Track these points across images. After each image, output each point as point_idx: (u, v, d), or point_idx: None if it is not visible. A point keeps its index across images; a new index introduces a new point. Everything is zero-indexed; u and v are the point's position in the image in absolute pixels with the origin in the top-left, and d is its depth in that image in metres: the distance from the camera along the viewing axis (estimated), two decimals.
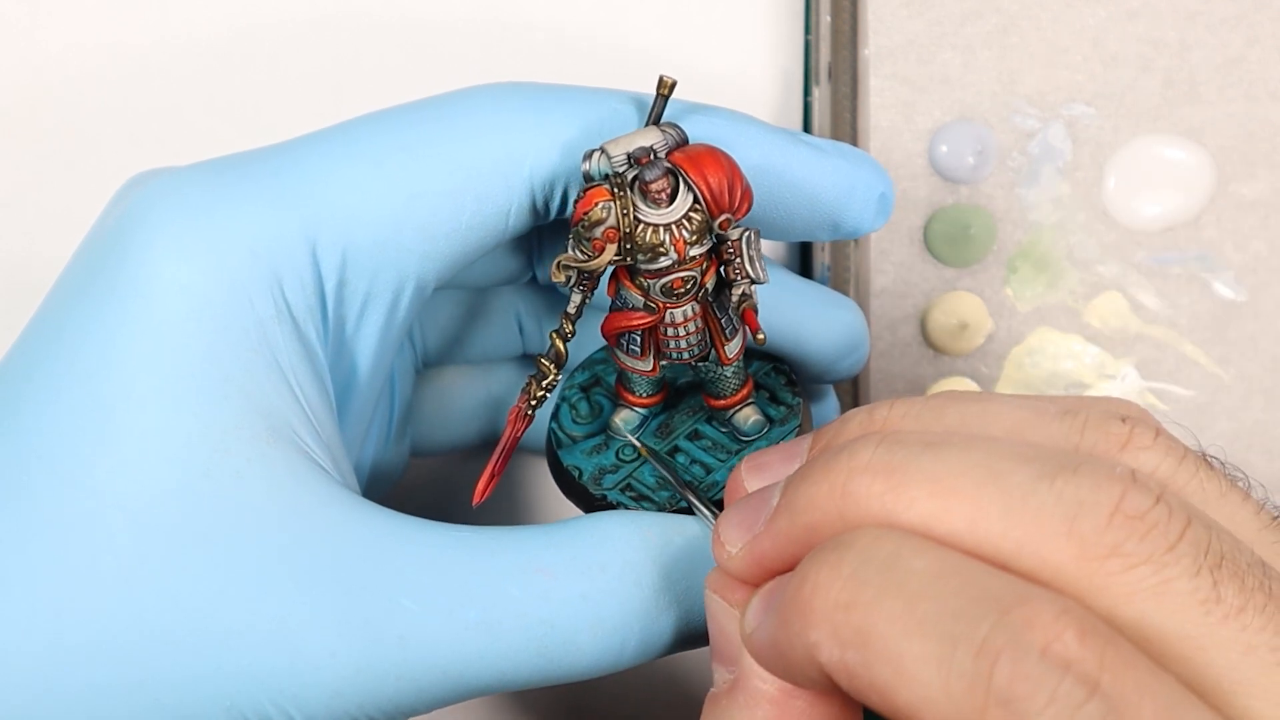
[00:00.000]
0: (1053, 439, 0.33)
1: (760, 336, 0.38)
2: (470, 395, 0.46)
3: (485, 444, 0.47)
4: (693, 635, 0.38)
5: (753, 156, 0.38)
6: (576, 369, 0.42)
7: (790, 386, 0.40)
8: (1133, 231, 0.49)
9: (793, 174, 0.39)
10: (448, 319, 0.45)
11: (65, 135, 0.50)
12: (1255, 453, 0.50)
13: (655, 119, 0.37)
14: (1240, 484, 0.33)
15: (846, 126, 0.49)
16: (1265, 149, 0.49)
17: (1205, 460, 0.33)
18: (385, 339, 0.39)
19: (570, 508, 0.40)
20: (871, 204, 0.40)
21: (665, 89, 0.37)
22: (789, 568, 0.33)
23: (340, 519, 0.36)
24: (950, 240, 0.49)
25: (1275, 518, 0.33)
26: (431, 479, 0.50)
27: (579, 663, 0.36)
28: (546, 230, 0.42)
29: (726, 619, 0.34)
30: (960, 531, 0.31)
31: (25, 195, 0.50)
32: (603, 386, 0.41)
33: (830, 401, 0.46)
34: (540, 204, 0.38)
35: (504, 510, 0.51)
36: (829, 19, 0.49)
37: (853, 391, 0.50)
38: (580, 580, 0.36)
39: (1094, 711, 0.28)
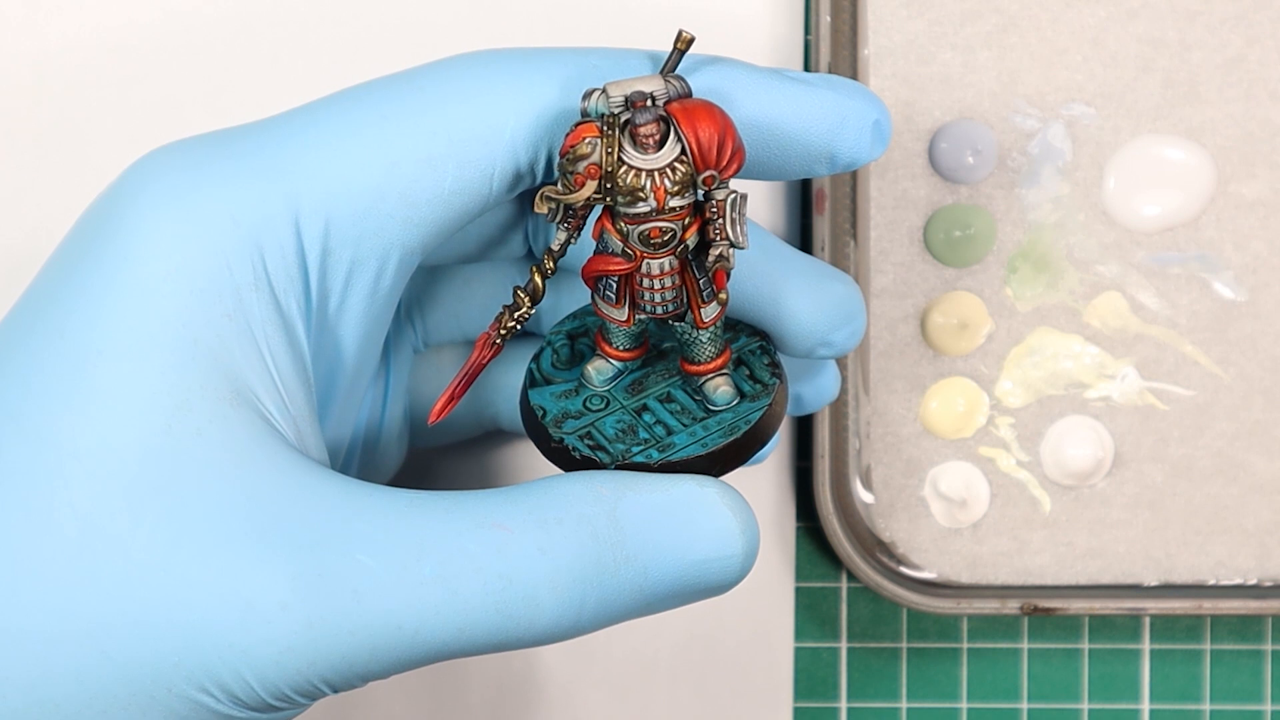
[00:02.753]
0: None
1: (723, 295, 0.38)
2: None
3: (485, 431, 0.47)
4: (653, 596, 0.38)
5: (739, 97, 0.38)
6: (567, 316, 0.42)
7: (771, 367, 0.40)
8: (1133, 231, 0.49)
9: (780, 110, 0.39)
10: (446, 298, 0.45)
11: (65, 132, 0.50)
12: (1255, 453, 0.50)
13: (667, 71, 0.37)
14: None
15: None
16: (1265, 149, 0.49)
17: None
18: (372, 310, 0.39)
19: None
20: (866, 133, 0.39)
21: (682, 43, 0.36)
22: None
23: (296, 480, 0.36)
24: (950, 240, 0.49)
25: None
26: (426, 473, 0.50)
27: (538, 620, 0.36)
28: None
29: None
30: None
31: (25, 193, 0.50)
32: (589, 338, 0.41)
33: (829, 373, 0.46)
34: (524, 166, 0.38)
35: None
36: (829, 19, 0.49)
37: (852, 383, 0.50)
38: (537, 533, 0.36)
39: None
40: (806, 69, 0.50)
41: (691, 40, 0.36)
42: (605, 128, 0.36)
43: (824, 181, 0.49)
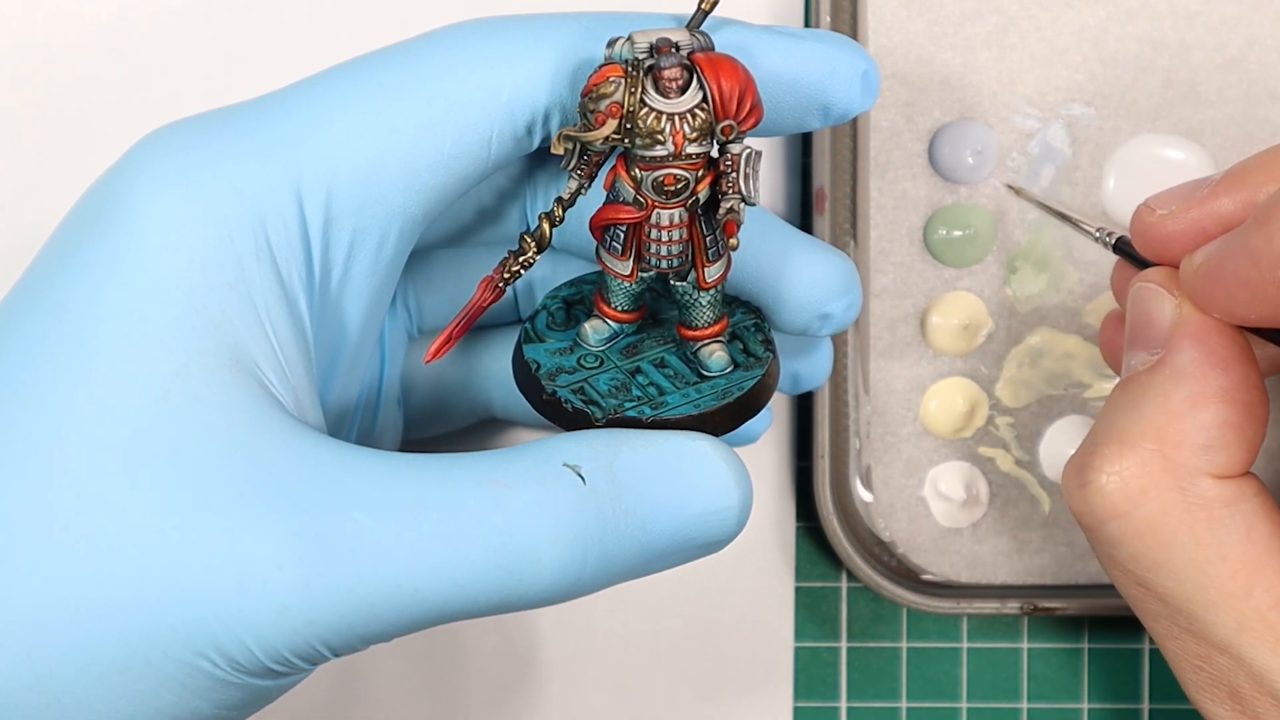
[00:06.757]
0: None
1: (733, 241, 0.38)
2: (463, 362, 0.46)
3: (478, 419, 0.47)
4: (652, 552, 0.38)
5: (745, 51, 0.39)
6: (564, 283, 0.42)
7: (765, 343, 0.41)
8: None
9: (771, 63, 0.39)
10: (440, 282, 0.45)
11: (65, 128, 0.50)
12: None
13: (692, 27, 0.38)
14: None
15: (846, 126, 0.49)
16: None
17: None
18: (374, 280, 0.39)
19: None
20: (855, 83, 0.40)
21: (707, 4, 0.37)
22: (1224, 230, 0.36)
23: (293, 444, 0.36)
24: (950, 240, 0.49)
25: None
26: None
27: (540, 576, 0.36)
28: (540, 186, 0.42)
29: (1154, 302, 0.38)
30: None
31: (26, 189, 0.50)
32: (585, 305, 0.41)
33: (825, 351, 0.46)
34: (521, 130, 0.39)
35: None
36: (829, 19, 0.49)
37: (852, 383, 0.50)
38: (535, 489, 0.36)
39: None
40: None
41: (716, 1, 0.37)
42: (629, 69, 0.37)
43: (824, 181, 0.49)
